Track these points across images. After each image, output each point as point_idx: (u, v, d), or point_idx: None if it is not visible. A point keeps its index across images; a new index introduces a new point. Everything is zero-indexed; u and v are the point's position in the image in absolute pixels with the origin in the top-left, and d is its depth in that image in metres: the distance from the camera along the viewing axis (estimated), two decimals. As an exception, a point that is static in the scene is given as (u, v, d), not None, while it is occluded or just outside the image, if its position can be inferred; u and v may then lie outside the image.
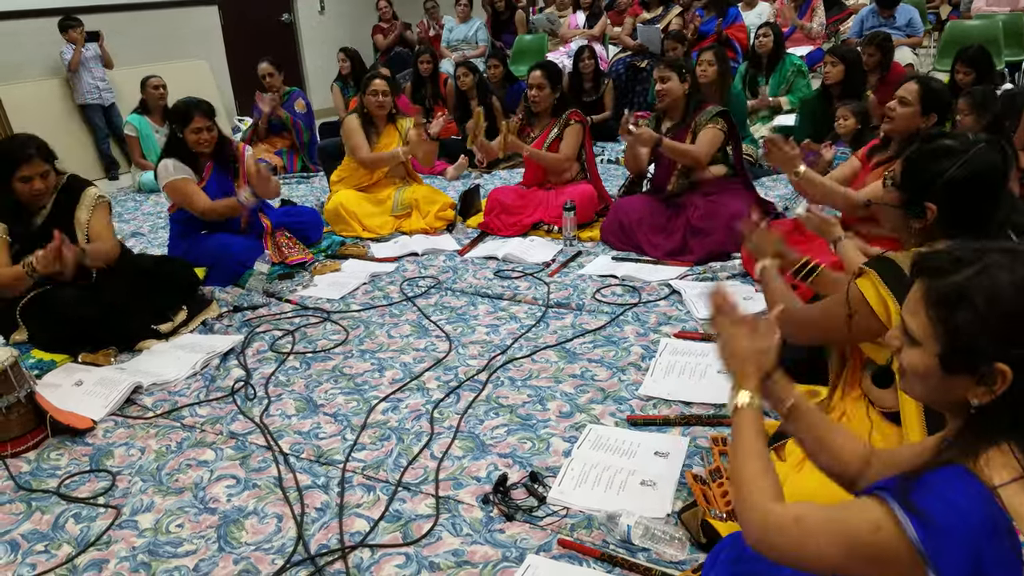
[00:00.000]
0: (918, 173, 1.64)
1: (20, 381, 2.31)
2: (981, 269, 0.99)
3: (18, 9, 6.07)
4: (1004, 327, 0.96)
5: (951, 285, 1.00)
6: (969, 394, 1.00)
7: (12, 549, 1.91)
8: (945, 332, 1.01)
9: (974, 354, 0.98)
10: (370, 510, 1.98)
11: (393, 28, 8.27)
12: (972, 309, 0.98)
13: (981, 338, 0.97)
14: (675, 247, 3.64)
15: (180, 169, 3.50)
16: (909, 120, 2.85)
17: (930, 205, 1.60)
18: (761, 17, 7.41)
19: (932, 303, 1.02)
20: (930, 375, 1.04)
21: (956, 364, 1.00)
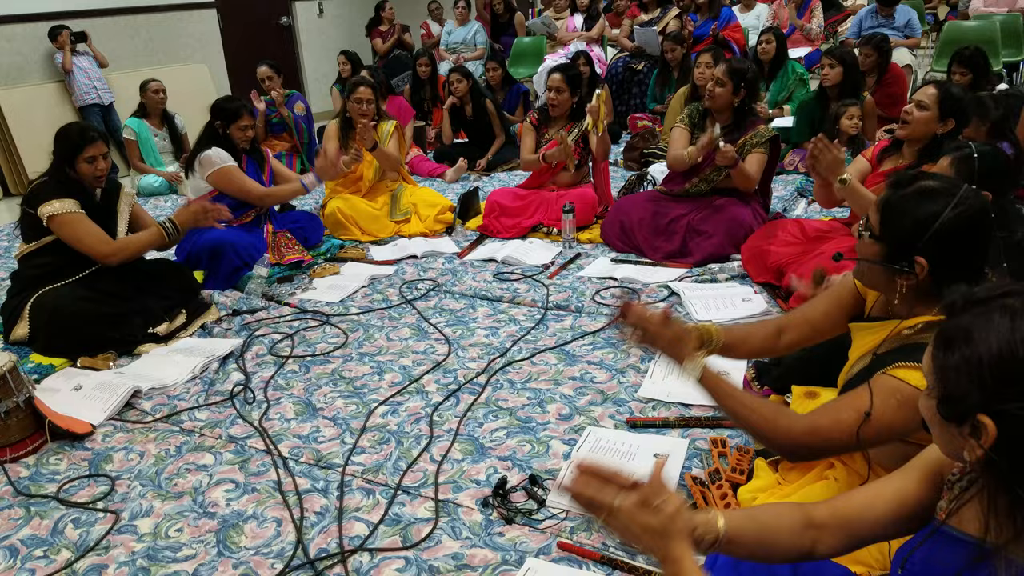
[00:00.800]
0: (901, 221, 1.42)
1: (19, 386, 2.31)
2: (986, 311, 0.92)
3: (16, 14, 6.07)
4: (990, 376, 0.89)
5: (954, 325, 0.94)
6: (964, 447, 0.93)
7: (11, 554, 1.91)
8: (939, 374, 0.95)
9: (960, 401, 0.91)
10: (369, 514, 1.98)
11: (392, 31, 8.28)
12: (961, 352, 0.91)
13: (964, 384, 0.91)
14: (675, 249, 3.64)
15: (229, 158, 3.63)
16: (926, 125, 2.79)
17: (919, 259, 1.39)
18: (759, 19, 7.42)
19: (935, 342, 0.97)
20: (933, 420, 0.98)
21: (947, 411, 0.94)
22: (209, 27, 7.61)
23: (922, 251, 1.39)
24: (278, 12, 8.41)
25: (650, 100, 6.46)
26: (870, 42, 5.14)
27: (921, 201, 1.40)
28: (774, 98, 5.72)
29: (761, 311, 3.00)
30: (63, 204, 2.90)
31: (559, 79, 4.15)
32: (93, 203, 3.03)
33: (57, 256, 2.97)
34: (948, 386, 0.93)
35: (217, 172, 3.60)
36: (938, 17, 8.86)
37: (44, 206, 2.89)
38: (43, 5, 6.23)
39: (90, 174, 2.96)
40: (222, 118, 3.68)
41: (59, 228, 2.91)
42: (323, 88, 7.97)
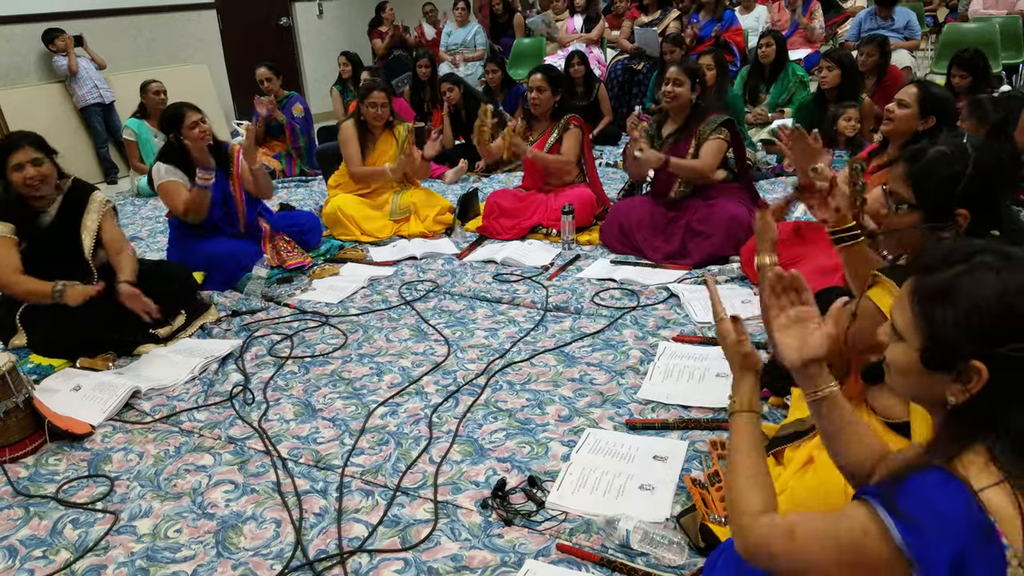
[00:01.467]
0: (933, 184, 1.59)
1: (18, 386, 2.31)
2: (969, 268, 1.00)
3: (15, 14, 6.07)
4: (982, 325, 0.97)
5: (937, 281, 1.02)
6: (947, 392, 1.01)
7: (10, 555, 1.91)
8: (926, 327, 1.02)
9: (952, 351, 0.99)
10: (369, 515, 1.98)
11: (392, 31, 8.28)
12: (952, 306, 0.99)
13: (959, 335, 0.98)
14: (674, 250, 3.64)
15: (171, 172, 3.53)
16: (907, 122, 2.86)
17: (961, 211, 1.55)
18: (759, 21, 7.42)
19: (917, 298, 1.04)
20: (911, 371, 1.05)
21: (935, 360, 1.02)
22: (209, 28, 7.61)
23: (960, 203, 1.54)
24: (278, 13, 8.41)
25: (649, 101, 6.46)
26: (872, 41, 5.15)
27: (944, 163, 1.57)
28: (774, 100, 5.72)
29: (760, 313, 2.99)
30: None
31: (540, 79, 4.17)
32: (37, 226, 2.89)
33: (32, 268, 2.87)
34: (935, 337, 1.01)
35: (159, 187, 3.54)
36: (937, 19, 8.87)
37: None
38: (43, 5, 6.23)
39: (20, 183, 2.81)
40: (171, 128, 3.51)
41: None
42: (323, 89, 7.97)
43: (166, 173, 3.52)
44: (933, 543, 0.92)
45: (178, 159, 3.51)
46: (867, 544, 0.97)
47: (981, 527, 0.92)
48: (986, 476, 0.95)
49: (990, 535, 0.92)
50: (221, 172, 3.62)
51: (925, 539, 0.93)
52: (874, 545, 0.97)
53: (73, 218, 2.99)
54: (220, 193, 3.61)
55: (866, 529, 0.98)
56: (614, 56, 7.36)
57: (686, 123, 3.72)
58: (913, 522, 0.94)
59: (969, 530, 0.91)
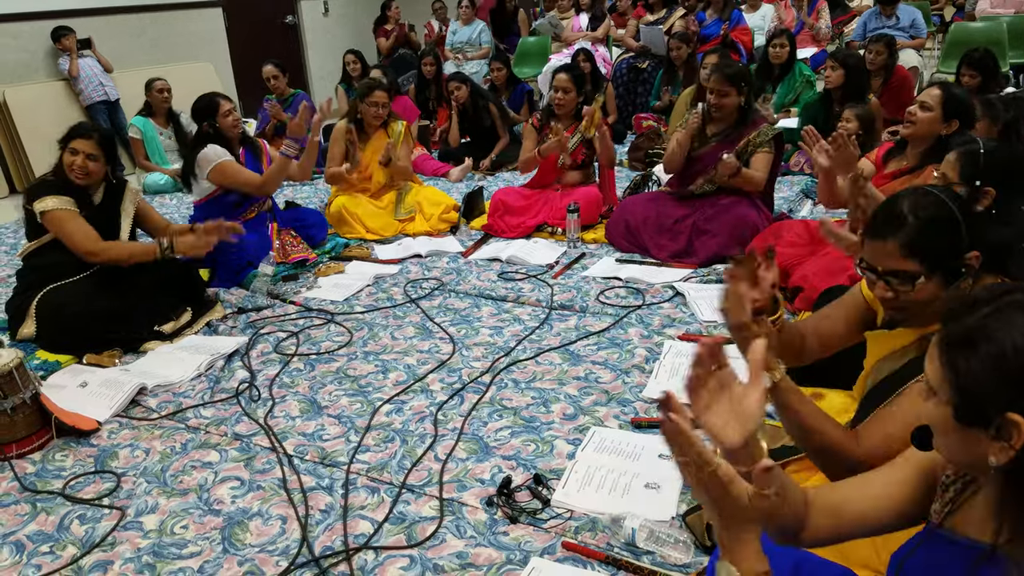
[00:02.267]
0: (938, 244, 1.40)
1: (25, 382, 2.32)
2: (995, 309, 0.91)
3: (23, 11, 6.09)
4: (1012, 372, 0.87)
5: (962, 327, 0.93)
6: (988, 451, 0.90)
7: (17, 550, 1.92)
8: (954, 377, 0.92)
9: (983, 403, 0.89)
10: (374, 512, 1.98)
11: (397, 30, 8.28)
12: (975, 352, 0.89)
13: (988, 384, 0.88)
14: (680, 248, 3.64)
15: (225, 152, 3.64)
16: (930, 125, 2.80)
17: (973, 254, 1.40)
18: (765, 19, 7.40)
19: (944, 347, 0.95)
20: (947, 429, 0.95)
21: (967, 414, 0.91)
22: (215, 26, 7.62)
23: (969, 247, 1.38)
24: (284, 11, 8.42)
25: (654, 100, 6.46)
26: (881, 39, 5.13)
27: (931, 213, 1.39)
28: (781, 100, 5.70)
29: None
30: (57, 201, 2.92)
31: (566, 79, 4.15)
32: (90, 203, 3.03)
33: (60, 254, 2.97)
34: (969, 389, 0.90)
35: (215, 168, 3.60)
36: (944, 18, 8.84)
37: (38, 202, 2.92)
38: (50, 3, 6.24)
39: (67, 164, 2.95)
40: (205, 117, 3.67)
41: (50, 224, 2.93)
42: (328, 87, 7.98)
43: (223, 152, 3.63)
44: None
45: (218, 143, 3.64)
46: None
47: None
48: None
49: None
50: (252, 155, 3.82)
51: None
52: None
53: (116, 202, 3.14)
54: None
55: None
56: (619, 54, 7.35)
57: (734, 126, 3.62)
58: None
59: None
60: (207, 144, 3.63)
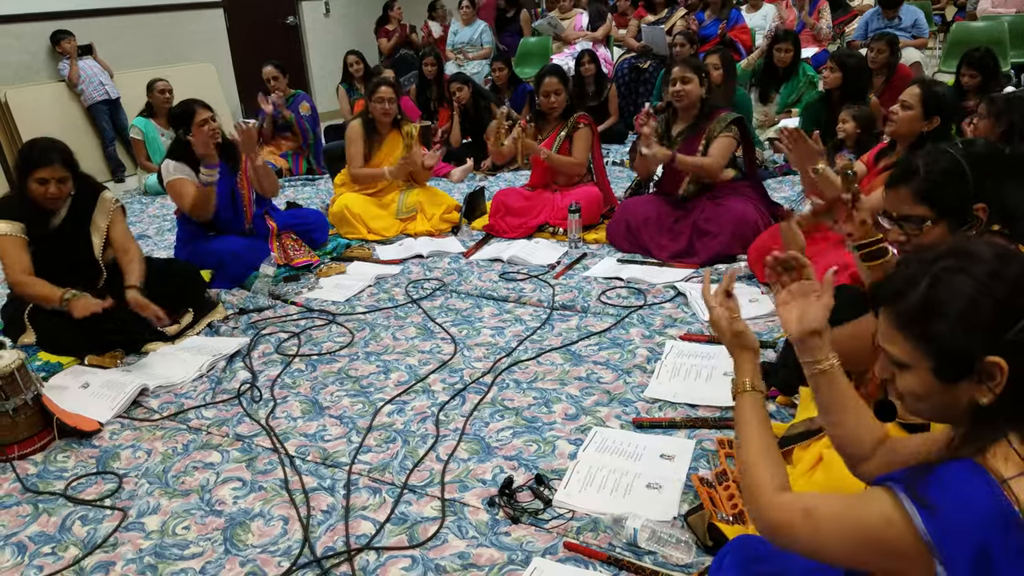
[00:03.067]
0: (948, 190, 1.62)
1: (27, 383, 2.32)
2: (934, 279, 1.02)
3: (24, 12, 6.10)
4: (980, 320, 0.98)
5: (913, 303, 1.03)
6: (976, 396, 1.00)
7: (19, 551, 1.92)
8: (929, 347, 1.02)
9: (964, 355, 0.99)
10: (376, 512, 1.98)
11: (399, 31, 8.29)
12: (944, 317, 0.99)
13: (964, 338, 0.98)
14: (681, 249, 3.64)
15: (179, 169, 3.53)
16: (911, 124, 2.85)
17: (980, 206, 1.60)
18: (766, 19, 7.39)
19: (904, 324, 1.04)
20: (931, 392, 1.04)
21: (952, 372, 1.01)
22: (216, 26, 7.63)
23: (978, 198, 1.58)
24: (285, 11, 8.43)
25: (655, 99, 6.45)
26: (883, 38, 5.12)
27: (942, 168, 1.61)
28: (784, 101, 5.70)
29: (768, 312, 3.00)
30: (7, 226, 2.82)
31: (556, 82, 4.17)
32: (45, 228, 2.89)
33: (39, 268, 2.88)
34: (943, 350, 1.00)
35: (169, 184, 3.54)
36: (945, 18, 8.83)
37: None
38: (51, 4, 6.25)
39: (39, 195, 2.82)
40: (180, 124, 3.52)
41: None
42: (329, 88, 7.98)
43: (175, 170, 3.53)
44: (958, 533, 0.92)
45: (187, 156, 3.50)
46: (889, 531, 0.97)
47: (1008, 518, 0.92)
48: (1014, 466, 0.96)
49: (1017, 526, 0.92)
50: (228, 169, 3.62)
51: (950, 529, 0.93)
52: (896, 532, 0.97)
53: (83, 218, 2.99)
54: (228, 191, 3.63)
55: (888, 516, 0.98)
56: (621, 55, 7.35)
57: (696, 121, 3.72)
58: (938, 512, 0.94)
59: (995, 521, 0.91)
60: (172, 156, 3.54)
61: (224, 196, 3.59)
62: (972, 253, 1.02)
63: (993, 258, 1.00)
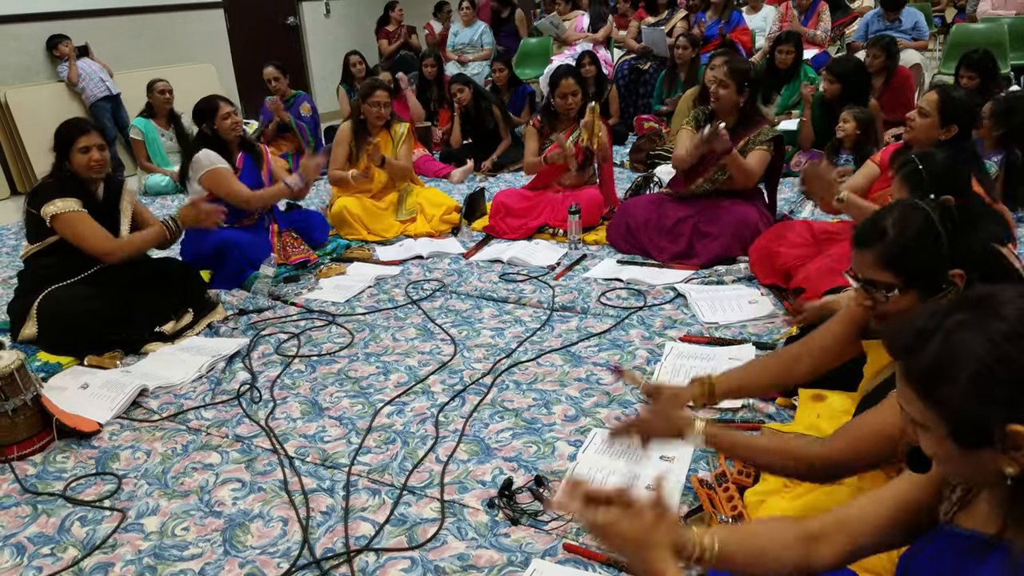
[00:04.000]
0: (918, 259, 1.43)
1: (26, 384, 2.32)
2: (945, 336, 0.91)
3: (23, 13, 6.10)
4: (994, 387, 0.87)
5: (924, 362, 0.93)
6: (1002, 466, 0.90)
7: (18, 552, 1.91)
8: (942, 411, 0.92)
9: (979, 423, 0.89)
10: (375, 514, 1.98)
11: (399, 32, 8.29)
12: (953, 381, 0.89)
13: (978, 406, 0.88)
14: (681, 250, 3.64)
15: (219, 159, 3.59)
16: (928, 131, 2.81)
17: (956, 272, 1.41)
18: (766, 21, 7.40)
19: (916, 386, 0.94)
20: (951, 456, 0.94)
21: (968, 439, 0.91)
22: (216, 27, 7.63)
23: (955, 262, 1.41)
24: (285, 12, 8.43)
25: (655, 101, 6.45)
26: (878, 43, 5.13)
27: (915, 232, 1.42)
28: (784, 103, 5.70)
29: (768, 313, 2.99)
30: (65, 203, 2.89)
31: (574, 83, 4.14)
32: (95, 202, 3.01)
33: (62, 256, 2.96)
34: (962, 416, 0.90)
35: (207, 173, 3.56)
36: (945, 20, 8.84)
37: (47, 206, 2.88)
38: (50, 5, 6.25)
39: (84, 164, 2.92)
40: (204, 119, 3.63)
41: (62, 227, 2.91)
42: (329, 88, 7.99)
43: (216, 159, 3.59)
44: None
45: (215, 147, 3.60)
46: None
47: None
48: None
49: None
50: (252, 162, 3.77)
51: None
52: None
53: (115, 201, 3.12)
54: (255, 184, 3.73)
55: None
56: (621, 56, 7.36)
57: (735, 126, 3.58)
58: None
59: None
60: (204, 147, 3.60)
61: (250, 186, 3.69)
62: (993, 307, 0.91)
63: (1017, 314, 0.89)
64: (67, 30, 6.25)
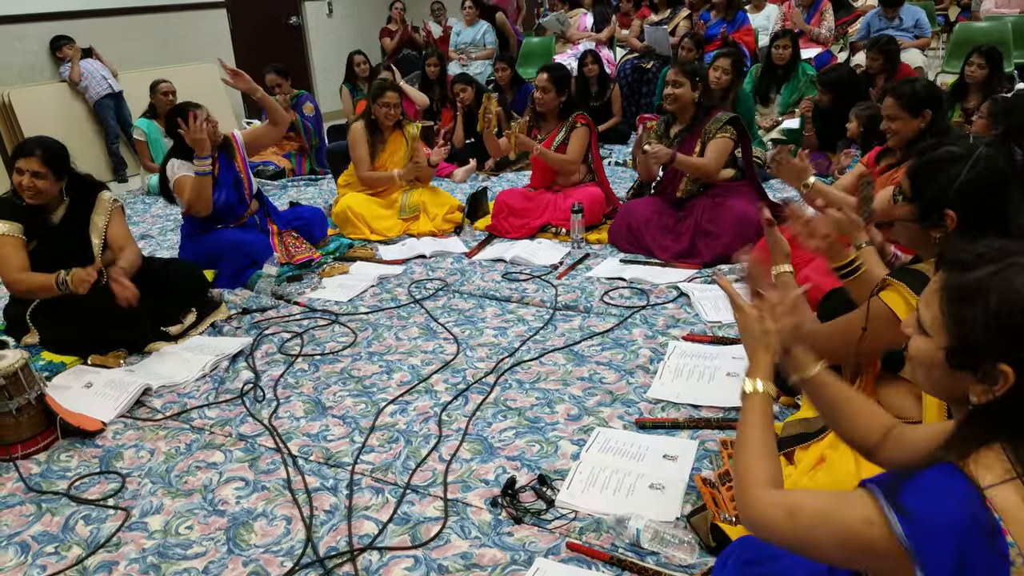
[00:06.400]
0: (929, 182, 1.62)
1: (30, 383, 2.32)
2: (1002, 268, 0.98)
3: (27, 13, 6.11)
4: (1013, 328, 0.96)
5: (969, 280, 1.00)
6: (970, 391, 1.00)
7: (23, 551, 1.92)
8: (954, 326, 1.00)
9: (979, 352, 0.98)
10: (379, 512, 1.98)
11: (401, 30, 8.28)
12: (984, 307, 0.97)
13: (988, 337, 0.97)
14: (683, 249, 3.64)
15: (183, 167, 3.55)
16: (904, 128, 2.88)
17: (949, 212, 1.57)
18: (769, 20, 7.38)
19: (948, 295, 1.02)
20: (934, 366, 1.04)
21: (960, 359, 1.00)
22: (219, 27, 7.63)
23: (949, 205, 1.57)
24: (288, 12, 8.43)
25: (658, 100, 6.44)
26: (876, 45, 5.13)
27: (944, 164, 1.60)
28: (786, 101, 5.69)
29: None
30: (5, 226, 2.83)
31: (545, 78, 4.18)
32: (46, 225, 2.92)
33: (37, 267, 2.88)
34: (964, 337, 0.99)
35: (176, 182, 3.55)
36: (948, 18, 8.81)
37: None
38: (54, 5, 6.26)
39: (17, 184, 2.85)
40: (178, 126, 3.49)
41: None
42: (332, 88, 7.98)
43: (179, 168, 3.57)
44: (934, 538, 0.93)
45: (190, 155, 3.54)
46: (870, 532, 0.98)
47: (983, 525, 0.91)
48: (996, 472, 0.95)
49: (993, 533, 0.91)
50: (225, 157, 3.69)
51: (926, 534, 0.93)
52: (876, 535, 0.97)
53: (82, 217, 3.00)
54: (231, 178, 3.69)
55: (869, 519, 0.98)
56: (624, 55, 7.35)
57: (692, 122, 3.75)
58: (914, 518, 0.94)
59: (971, 527, 0.91)
60: (175, 155, 3.58)
61: (227, 183, 3.65)
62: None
63: None
64: (70, 30, 6.26)
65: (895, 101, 2.87)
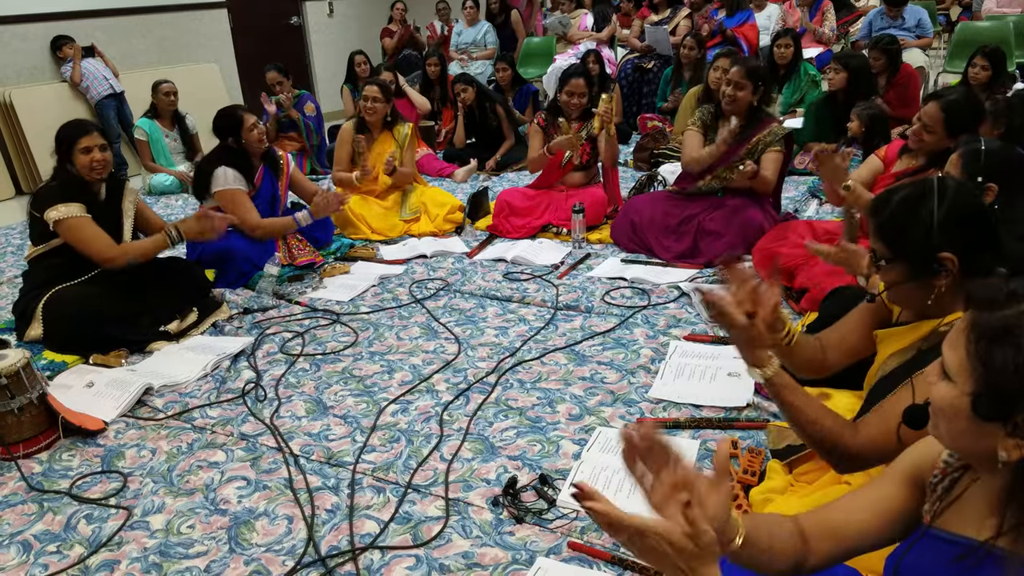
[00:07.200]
0: (905, 233, 1.42)
1: (32, 382, 2.33)
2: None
3: (29, 13, 6.12)
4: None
5: (999, 319, 0.89)
6: (999, 446, 0.88)
7: (24, 549, 1.92)
8: (982, 369, 0.89)
9: (1010, 399, 0.86)
10: (380, 512, 1.98)
11: (402, 30, 8.29)
12: (1016, 348, 0.86)
13: (1021, 381, 0.85)
14: (685, 249, 3.64)
15: (238, 179, 3.57)
16: (937, 144, 2.78)
17: (946, 256, 1.38)
18: (771, 19, 7.39)
19: (975, 336, 0.91)
20: (958, 417, 0.92)
21: (987, 407, 0.89)
22: (220, 27, 7.64)
23: (940, 246, 1.38)
24: (288, 12, 8.43)
25: (659, 99, 6.44)
26: (877, 45, 5.13)
27: (911, 205, 1.42)
28: (787, 101, 5.69)
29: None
30: (68, 208, 2.89)
31: (583, 84, 4.13)
32: (98, 204, 3.01)
33: (66, 257, 2.97)
34: (998, 384, 0.88)
35: (223, 192, 3.55)
36: (950, 18, 8.81)
37: (50, 211, 2.88)
38: (55, 5, 6.26)
39: (87, 164, 2.92)
40: (230, 133, 3.58)
41: (65, 232, 2.91)
42: (333, 88, 8.00)
43: (234, 180, 3.56)
44: None
45: (238, 163, 3.56)
46: None
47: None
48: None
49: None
50: (271, 173, 3.75)
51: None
52: None
53: (117, 201, 3.12)
54: (270, 194, 3.72)
55: None
56: (624, 55, 7.35)
57: (746, 126, 3.58)
58: None
59: None
60: (227, 163, 3.57)
61: (264, 197, 3.68)
62: None
63: None
64: (71, 30, 6.27)
65: (941, 116, 2.72)
